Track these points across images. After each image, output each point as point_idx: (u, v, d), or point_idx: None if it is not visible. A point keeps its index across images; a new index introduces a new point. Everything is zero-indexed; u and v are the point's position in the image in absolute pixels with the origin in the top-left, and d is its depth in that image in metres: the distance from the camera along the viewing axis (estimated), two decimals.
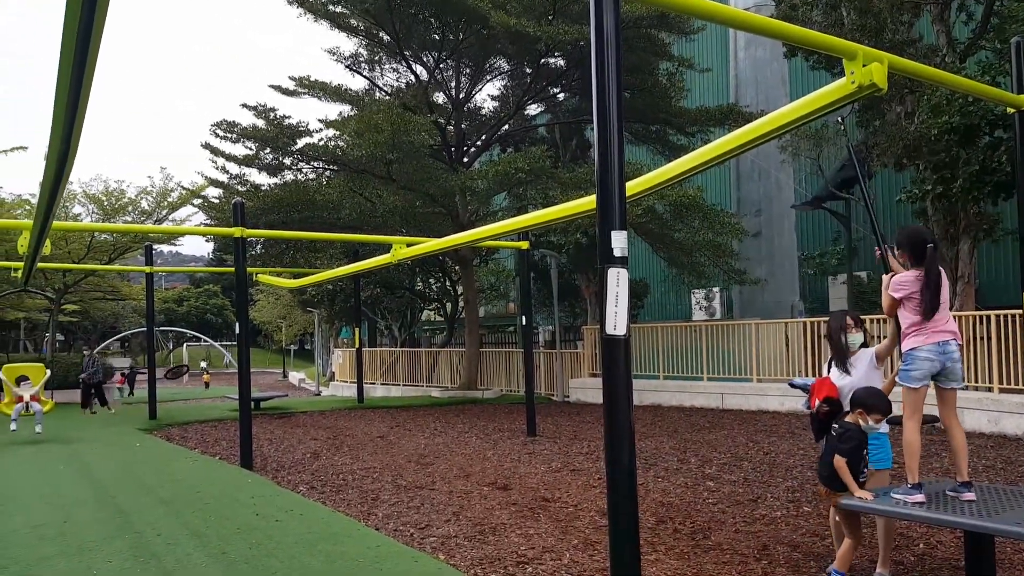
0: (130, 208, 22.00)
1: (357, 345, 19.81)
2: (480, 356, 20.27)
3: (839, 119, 6.66)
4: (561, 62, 17.90)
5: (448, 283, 26.03)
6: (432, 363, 22.80)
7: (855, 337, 4.64)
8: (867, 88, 4.08)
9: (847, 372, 4.55)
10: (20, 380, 11.94)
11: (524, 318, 12.07)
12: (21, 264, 12.19)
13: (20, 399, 11.70)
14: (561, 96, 19.36)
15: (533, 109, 20.32)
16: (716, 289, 18.31)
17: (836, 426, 4.39)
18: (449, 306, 27.03)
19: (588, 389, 17.23)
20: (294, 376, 45.42)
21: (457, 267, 23.00)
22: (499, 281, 26.03)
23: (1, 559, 5.25)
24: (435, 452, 10.44)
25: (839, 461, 4.21)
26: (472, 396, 18.78)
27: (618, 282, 3.38)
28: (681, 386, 15.55)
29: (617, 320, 3.37)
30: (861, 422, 4.27)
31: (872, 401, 4.27)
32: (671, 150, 18.12)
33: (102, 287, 27.17)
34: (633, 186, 5.27)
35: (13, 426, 11.57)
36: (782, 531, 5.92)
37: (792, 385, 5.27)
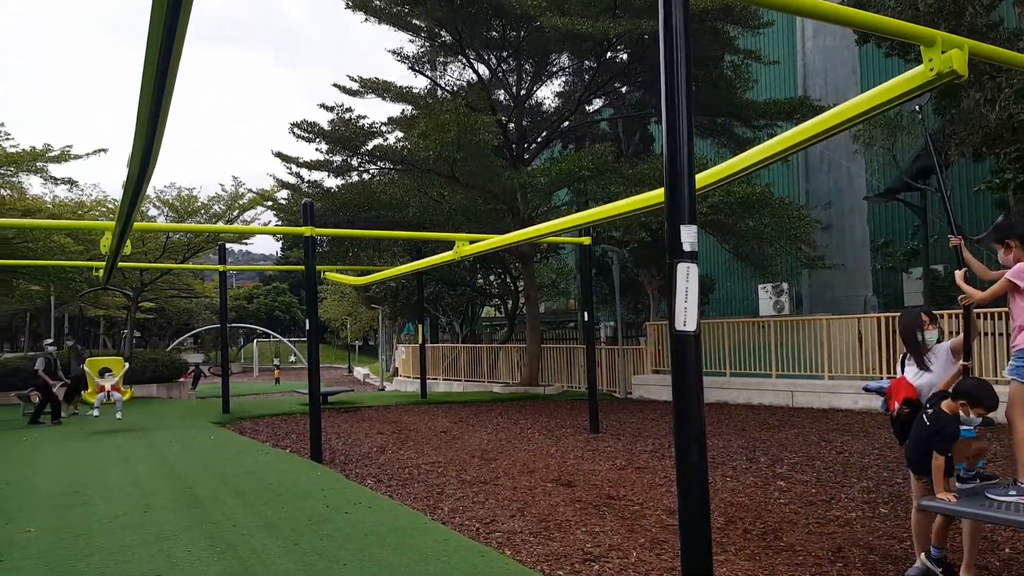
0: (202, 211, 22.83)
1: (420, 341, 20.07)
2: (541, 352, 20.26)
3: (916, 108, 6.38)
4: (624, 56, 17.70)
5: (508, 279, 26.12)
6: (493, 359, 22.92)
7: (931, 334, 4.49)
8: (946, 76, 3.90)
9: (927, 369, 4.38)
10: (103, 372, 12.86)
11: (586, 314, 12.01)
12: (103, 264, 12.81)
13: (102, 388, 12.65)
14: (624, 90, 19.13)
15: (595, 104, 20.16)
16: (784, 284, 17.83)
17: (929, 412, 4.17)
18: (510, 302, 27.13)
19: (651, 386, 17.03)
20: (359, 371, 46.36)
21: (518, 263, 23.05)
22: (560, 277, 25.98)
23: (86, 548, 5.52)
24: (498, 448, 10.50)
25: (939, 461, 4.02)
26: (534, 392, 18.81)
27: (687, 277, 3.32)
28: (749, 383, 15.21)
29: (687, 316, 3.31)
30: (962, 414, 4.06)
31: (980, 395, 4.04)
32: (737, 143, 17.72)
33: (176, 285, 28.33)
34: (701, 179, 5.16)
35: (95, 412, 12.63)
36: (858, 533, 5.73)
37: (867, 390, 5.08)
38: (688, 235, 3.31)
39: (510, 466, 8.98)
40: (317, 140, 17.61)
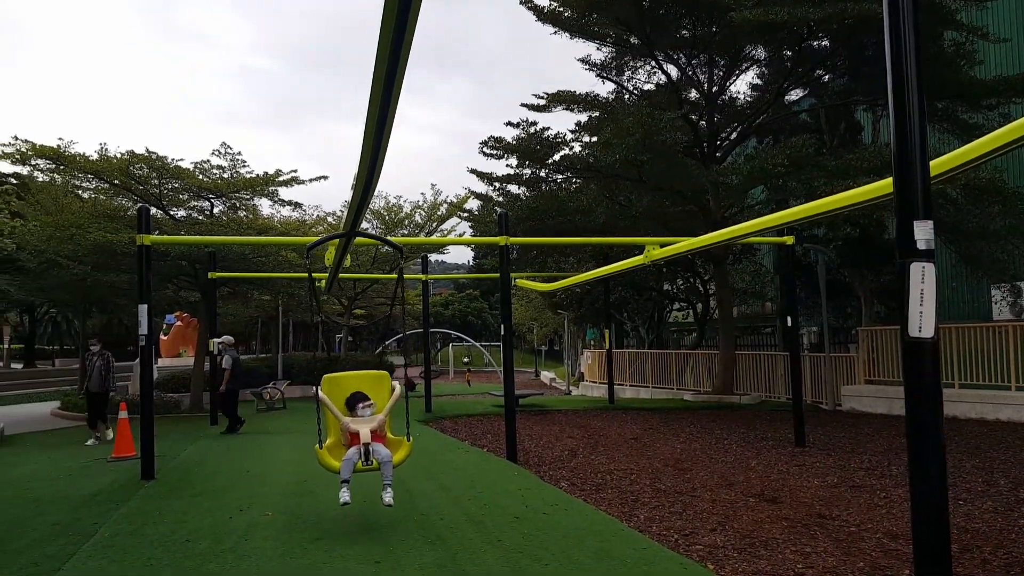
0: (406, 222, 24.48)
1: (607, 346, 20.02)
2: (735, 359, 19.37)
3: None
4: (825, 42, 16.48)
5: (698, 282, 25.28)
6: (682, 365, 22.29)
7: None
8: None
9: None
10: (355, 402, 6.38)
11: (789, 319, 11.27)
12: (324, 275, 14.15)
13: (355, 437, 6.17)
14: (826, 78, 17.80)
15: (794, 95, 18.97)
16: None
17: None
18: (699, 306, 26.23)
19: (864, 397, 15.64)
20: (545, 375, 47.15)
21: (708, 265, 22.24)
22: (755, 280, 24.63)
23: (315, 532, 6.10)
24: (692, 458, 10.17)
25: None
26: (728, 401, 18.03)
27: (923, 278, 3.00)
28: (982, 396, 13.47)
29: (923, 321, 2.98)
30: None
31: None
32: (961, 128, 15.81)
33: (384, 294, 30.58)
34: (933, 168, 4.62)
35: (344, 495, 5.92)
36: None
37: None
38: (923, 231, 3.00)
39: (707, 477, 8.66)
40: (505, 156, 18.15)
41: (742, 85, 30.21)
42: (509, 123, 17.73)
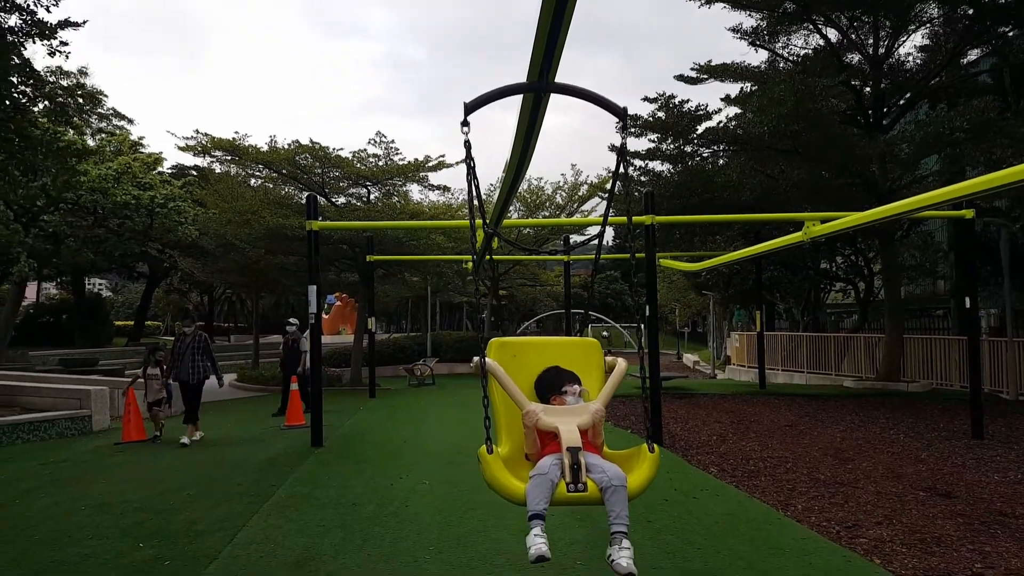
0: (548, 204, 24.69)
1: (759, 328, 19.22)
2: (903, 343, 17.94)
3: None
4: None
5: (860, 260, 23.56)
6: (842, 349, 20.97)
7: None
8: None
9: None
10: (558, 383, 3.65)
11: (967, 300, 10.28)
12: (469, 257, 14.64)
13: (550, 440, 3.38)
14: (1011, 34, 15.87)
15: (973, 55, 17.08)
16: None
17: None
18: (861, 286, 24.47)
19: None
20: (688, 358, 46.01)
21: (869, 242, 20.68)
22: (925, 256, 22.59)
23: (469, 502, 6.38)
24: (854, 447, 9.60)
25: None
26: (894, 388, 16.79)
27: None
28: None
29: None
30: None
31: None
32: None
33: (525, 275, 31.09)
34: None
35: (538, 543, 3.01)
36: None
37: None
38: None
39: (871, 468, 8.15)
40: (645, 133, 17.68)
41: (911, 46, 27.59)
42: (646, 98, 17.31)
